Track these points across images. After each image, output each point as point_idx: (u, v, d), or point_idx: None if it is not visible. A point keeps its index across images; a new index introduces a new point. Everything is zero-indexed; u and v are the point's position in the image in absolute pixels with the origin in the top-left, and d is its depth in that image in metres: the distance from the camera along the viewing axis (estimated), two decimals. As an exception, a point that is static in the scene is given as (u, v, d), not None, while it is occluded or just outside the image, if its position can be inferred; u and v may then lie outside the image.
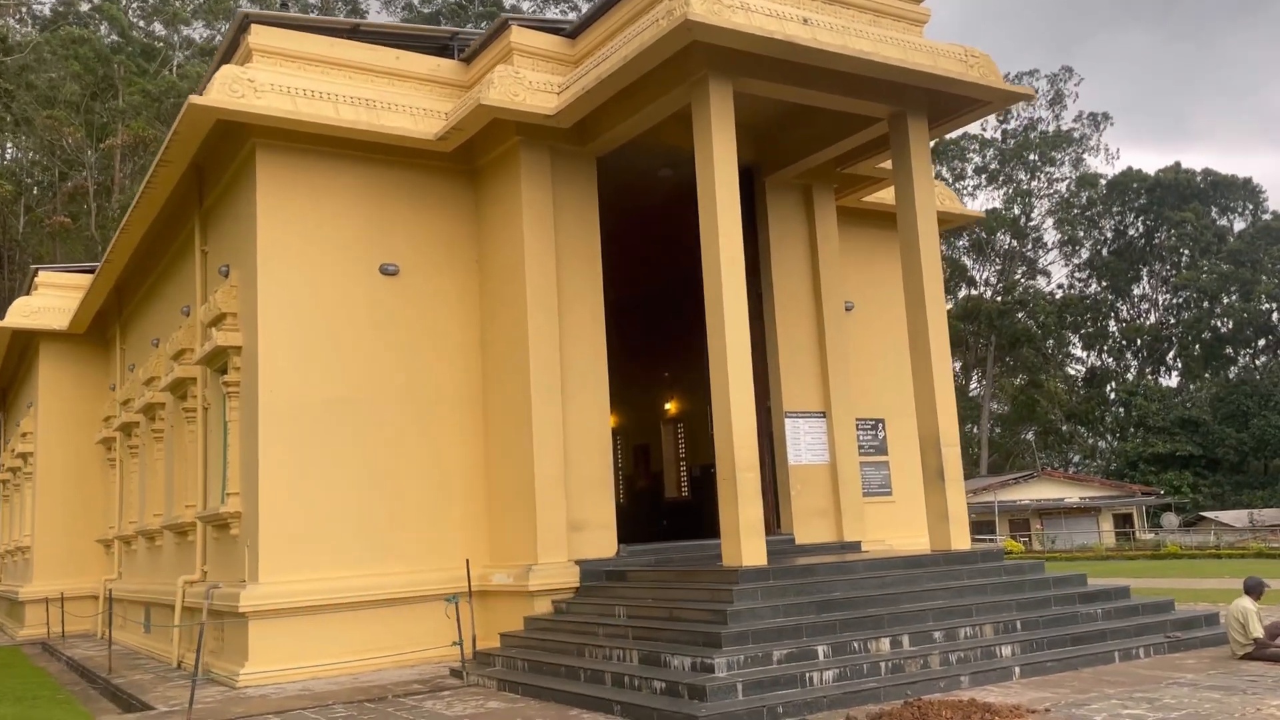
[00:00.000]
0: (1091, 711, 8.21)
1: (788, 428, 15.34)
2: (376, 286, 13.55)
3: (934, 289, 13.35)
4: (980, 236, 79.46)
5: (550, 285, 13.39)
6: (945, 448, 12.97)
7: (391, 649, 12.62)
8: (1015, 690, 9.30)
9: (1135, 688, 9.16)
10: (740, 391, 11.56)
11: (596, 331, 13.85)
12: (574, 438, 13.38)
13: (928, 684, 9.34)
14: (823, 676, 9.21)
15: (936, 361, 13.17)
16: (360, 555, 12.88)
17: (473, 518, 13.77)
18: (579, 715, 9.22)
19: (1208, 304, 70.87)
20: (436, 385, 13.82)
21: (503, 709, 9.76)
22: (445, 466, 13.70)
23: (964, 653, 10.06)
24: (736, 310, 11.75)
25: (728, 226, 11.84)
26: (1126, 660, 10.61)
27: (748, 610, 10.14)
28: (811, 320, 15.95)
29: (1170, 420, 60.57)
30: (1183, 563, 28.69)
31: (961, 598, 11.33)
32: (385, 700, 10.56)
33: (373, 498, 13.11)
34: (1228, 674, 9.65)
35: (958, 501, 12.96)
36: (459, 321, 14.10)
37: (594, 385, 13.72)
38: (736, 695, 8.69)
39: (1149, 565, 28.26)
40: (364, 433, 13.18)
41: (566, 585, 12.71)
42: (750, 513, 11.39)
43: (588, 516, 13.34)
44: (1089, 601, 11.85)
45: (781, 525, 15.25)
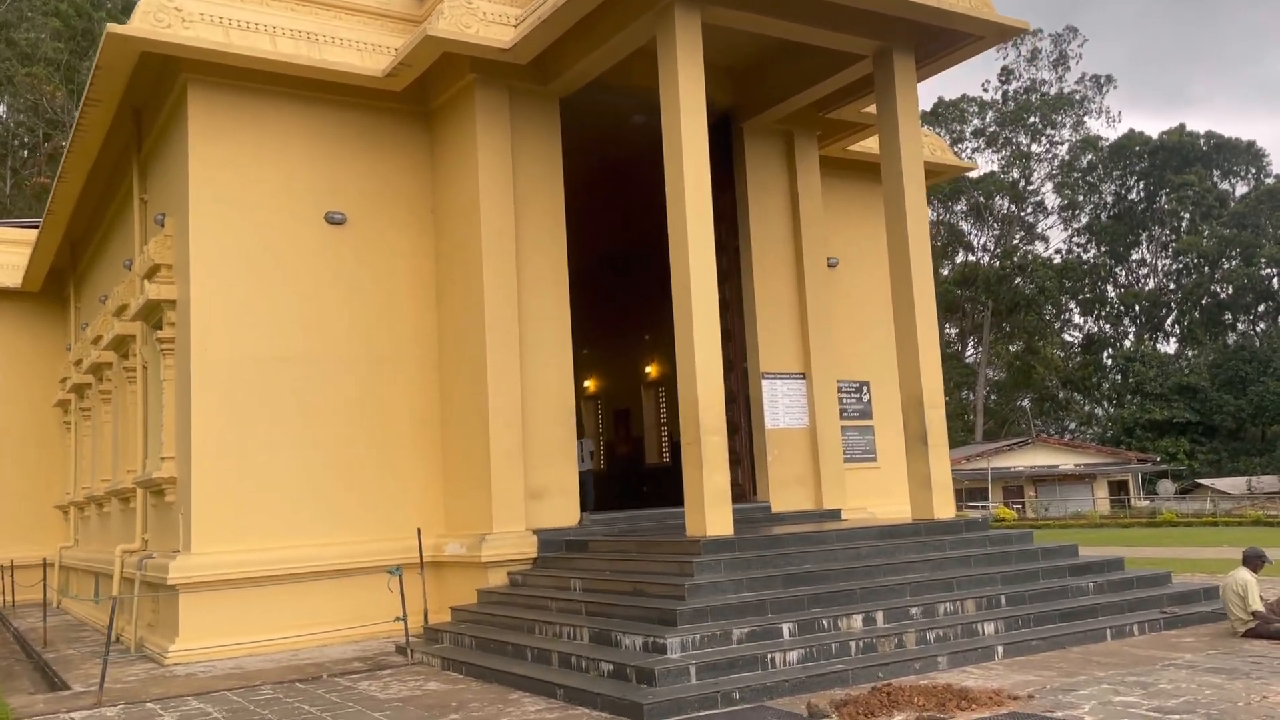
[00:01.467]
0: (1079, 698, 7.42)
1: (765, 390, 14.50)
2: (322, 236, 12.64)
3: (919, 241, 12.45)
4: (979, 200, 78.42)
5: (508, 236, 12.48)
6: (929, 410, 12.12)
7: (337, 623, 11.82)
8: (997, 672, 8.52)
9: (1128, 670, 8.37)
10: (706, 349, 10.70)
11: (559, 287, 12.96)
12: (534, 400, 12.53)
13: (901, 665, 8.56)
14: (786, 658, 8.41)
15: (921, 319, 12.30)
16: (303, 524, 12.06)
17: (427, 485, 12.95)
18: (520, 699, 8.44)
19: (1208, 269, 69.90)
20: (388, 343, 12.94)
21: (440, 691, 8.98)
22: (397, 430, 12.86)
23: (943, 630, 9.27)
24: (703, 262, 10.88)
25: (694, 172, 10.92)
26: (1119, 638, 9.83)
27: (708, 585, 9.33)
28: (792, 277, 15.06)
29: (1168, 386, 59.78)
30: (1179, 531, 28.00)
31: (942, 570, 10.54)
32: (319, 680, 9.78)
33: (317, 463, 12.27)
34: (1229, 654, 8.87)
35: (941, 467, 12.13)
36: (412, 275, 13.20)
37: (556, 344, 12.85)
38: (689, 679, 7.89)
39: (1144, 534, 27.56)
40: (308, 393, 12.32)
41: (523, 556, 11.92)
42: (716, 480, 10.57)
43: (548, 483, 12.52)
44: (1080, 574, 11.07)
45: (758, 492, 14.46)
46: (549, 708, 8.03)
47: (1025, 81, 77.65)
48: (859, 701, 7.35)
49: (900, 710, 7.22)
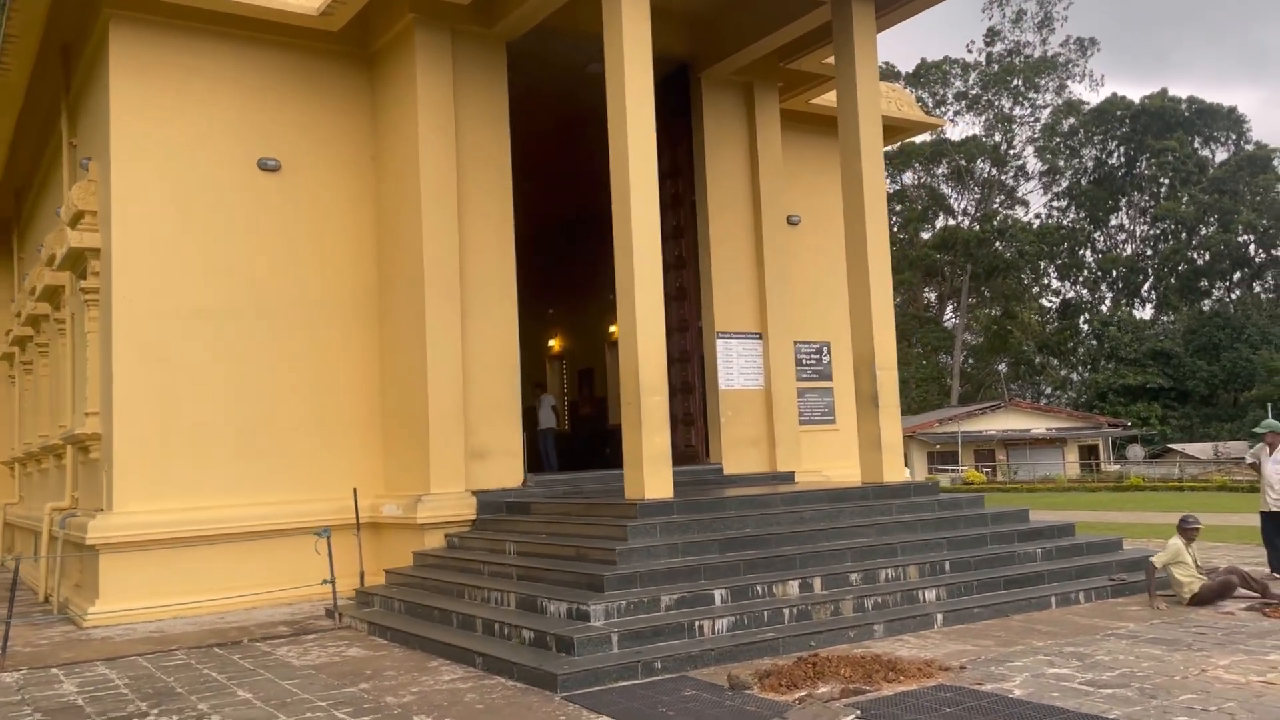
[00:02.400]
0: (1012, 670, 7.14)
1: (719, 350, 14.13)
2: (255, 184, 12.11)
3: (875, 196, 12.04)
4: (960, 164, 77.95)
5: (449, 185, 11.98)
6: (880, 371, 11.79)
7: (269, 586, 11.46)
8: (934, 641, 8.24)
9: (1068, 639, 8.10)
10: (647, 304, 10.29)
11: (504, 240, 12.50)
12: (476, 356, 12.11)
13: (836, 633, 8.26)
14: (716, 625, 8.09)
15: (874, 277, 11.93)
16: (234, 483, 11.65)
17: (366, 443, 12.54)
18: (438, 668, 8.10)
19: (1185, 235, 69.84)
20: (325, 296, 12.46)
21: (359, 658, 8.63)
22: (335, 386, 12.42)
23: (882, 598, 8.98)
24: (646, 214, 10.43)
25: (638, 117, 10.44)
26: (1064, 606, 9.58)
27: (640, 549, 9.00)
28: (750, 233, 14.64)
29: (1142, 352, 59.89)
30: (1144, 495, 27.94)
31: (887, 535, 10.24)
32: (238, 645, 9.42)
33: (249, 420, 11.84)
34: (1172, 623, 8.62)
35: (892, 429, 11.82)
36: (352, 225, 12.70)
37: (500, 299, 12.41)
38: (610, 648, 7.57)
39: (1109, 498, 27.50)
40: (239, 347, 11.85)
41: (462, 518, 11.56)
42: (656, 441, 10.20)
43: (491, 443, 12.14)
44: (1029, 540, 10.81)
45: (710, 454, 14.13)
46: (465, 677, 7.69)
47: (1010, 44, 77.03)
48: (783, 672, 7.04)
49: (825, 681, 6.92)
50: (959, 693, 6.56)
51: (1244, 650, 7.50)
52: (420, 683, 7.54)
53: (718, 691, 6.86)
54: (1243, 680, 6.63)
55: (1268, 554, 11.07)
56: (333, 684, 7.61)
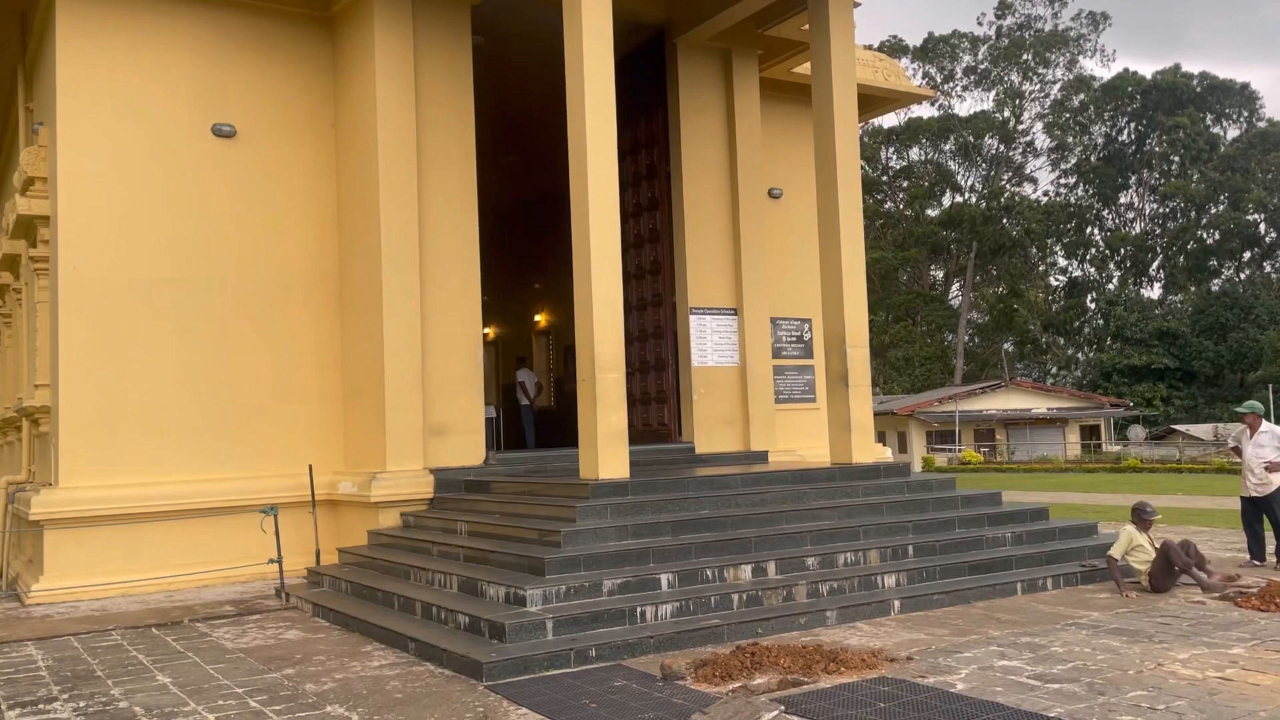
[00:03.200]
0: (961, 661, 6.82)
1: (693, 326, 13.77)
2: (209, 150, 11.75)
3: (848, 168, 11.64)
4: (968, 140, 77.09)
5: (408, 150, 11.62)
6: (851, 349, 11.42)
7: (223, 563, 11.20)
8: (887, 629, 7.92)
9: (1026, 629, 7.78)
10: (603, 277, 9.92)
11: (467, 208, 12.14)
12: (437, 330, 11.79)
13: (786, 620, 7.94)
14: (659, 611, 7.78)
15: (847, 251, 11.55)
16: (187, 458, 11.37)
17: (326, 418, 12.24)
18: (371, 653, 7.81)
19: (1195, 213, 68.96)
20: (283, 267, 12.13)
21: (295, 641, 8.35)
22: (293, 360, 12.11)
23: (838, 583, 8.66)
24: (602, 182, 10.04)
25: (595, 81, 10.04)
26: (1030, 593, 9.25)
27: (587, 531, 8.68)
28: (726, 206, 14.25)
29: (1148, 332, 59.25)
30: (1141, 477, 27.57)
31: (851, 518, 9.91)
32: (178, 626, 9.16)
33: (203, 394, 11.54)
34: (1138, 613, 8.29)
35: (862, 409, 11.47)
36: (311, 194, 12.34)
37: (463, 270, 12.06)
38: (545, 634, 7.27)
39: (1104, 479, 27.13)
40: (193, 319, 11.54)
41: (418, 496, 11.27)
42: (612, 420, 9.86)
43: (451, 419, 11.83)
44: (999, 524, 10.46)
45: (683, 433, 13.81)
46: (396, 663, 7.41)
47: (1021, 18, 76.01)
48: (719, 662, 6.73)
49: (763, 672, 6.61)
50: (899, 686, 6.24)
51: (1206, 643, 7.17)
52: (348, 669, 7.26)
53: (649, 682, 6.56)
54: (1199, 676, 6.30)
55: (1247, 540, 10.71)
56: (257, 669, 7.33)
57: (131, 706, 6.42)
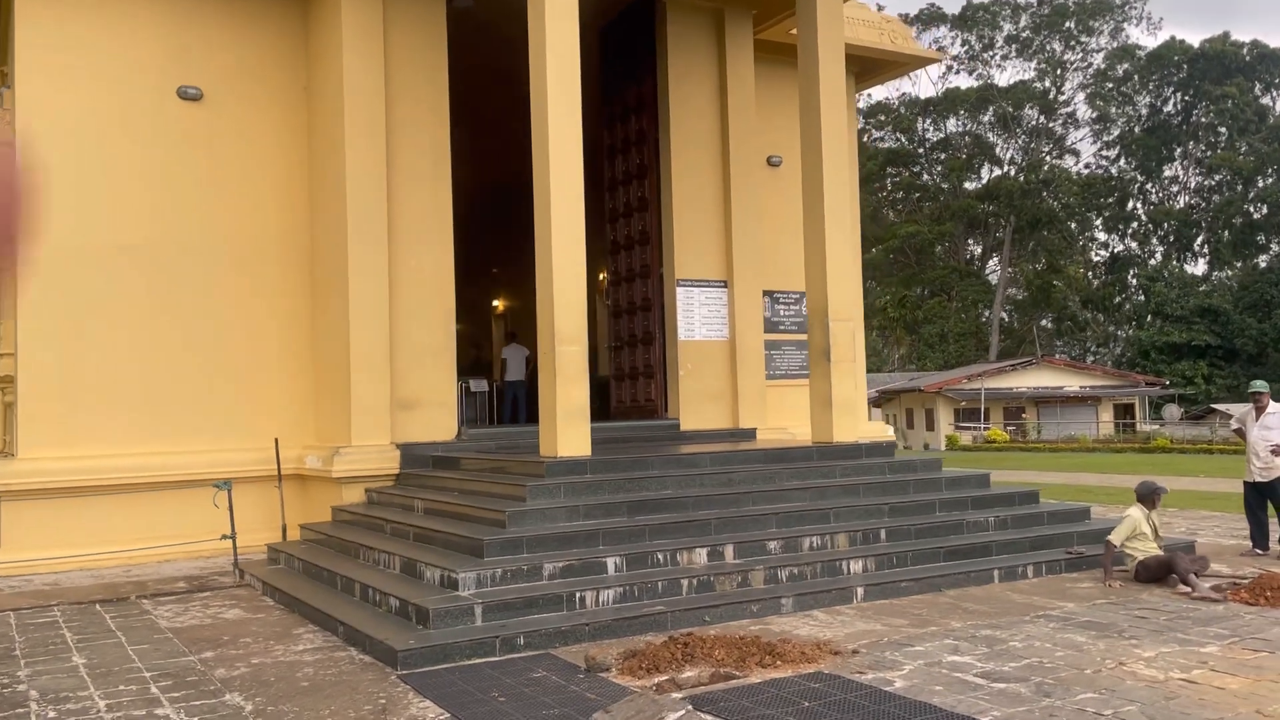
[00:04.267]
0: (908, 656, 6.37)
1: (680, 298, 13.31)
2: (175, 114, 11.44)
3: (834, 134, 11.09)
4: (1006, 111, 75.41)
5: (376, 116, 11.24)
6: (834, 323, 10.92)
7: (186, 537, 10.97)
8: (844, 618, 7.48)
9: (992, 620, 7.30)
10: (565, 243, 9.48)
11: (440, 175, 11.75)
12: (406, 300, 11.44)
13: (736, 608, 7.52)
14: (601, 597, 7.39)
15: (832, 222, 11.02)
16: (151, 430, 11.13)
17: (296, 391, 11.95)
18: (302, 635, 7.51)
19: (1242, 187, 66.93)
20: (253, 234, 11.82)
21: (233, 621, 8.07)
22: (262, 330, 11.82)
23: (800, 568, 8.21)
24: (564, 141, 9.55)
25: (557, 34, 9.54)
26: (1008, 581, 8.75)
27: (536, 511, 8.30)
28: (718, 174, 13.73)
29: (1189, 308, 57.69)
30: (1169, 458, 26.74)
31: (823, 500, 9.45)
32: (124, 602, 8.93)
33: (168, 364, 11.29)
34: (1116, 605, 7.77)
35: (845, 386, 10.97)
36: (282, 159, 12.00)
37: (435, 239, 11.69)
38: (473, 620, 6.90)
39: (1128, 460, 26.33)
40: (158, 288, 11.28)
41: (383, 472, 10.96)
42: (573, 395, 9.46)
43: (421, 393, 11.49)
44: (984, 507, 9.95)
45: (669, 409, 13.38)
46: (321, 648, 7.09)
47: (1065, -17, 73.95)
48: (647, 654, 6.33)
49: (694, 665, 6.21)
50: (832, 683, 5.81)
51: (1180, 639, 6.65)
52: (269, 653, 6.95)
53: (570, 674, 6.18)
54: (1160, 677, 5.80)
55: (1250, 527, 10.10)
56: (178, 651, 7.05)
57: (29, 690, 6.15)
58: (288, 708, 5.64)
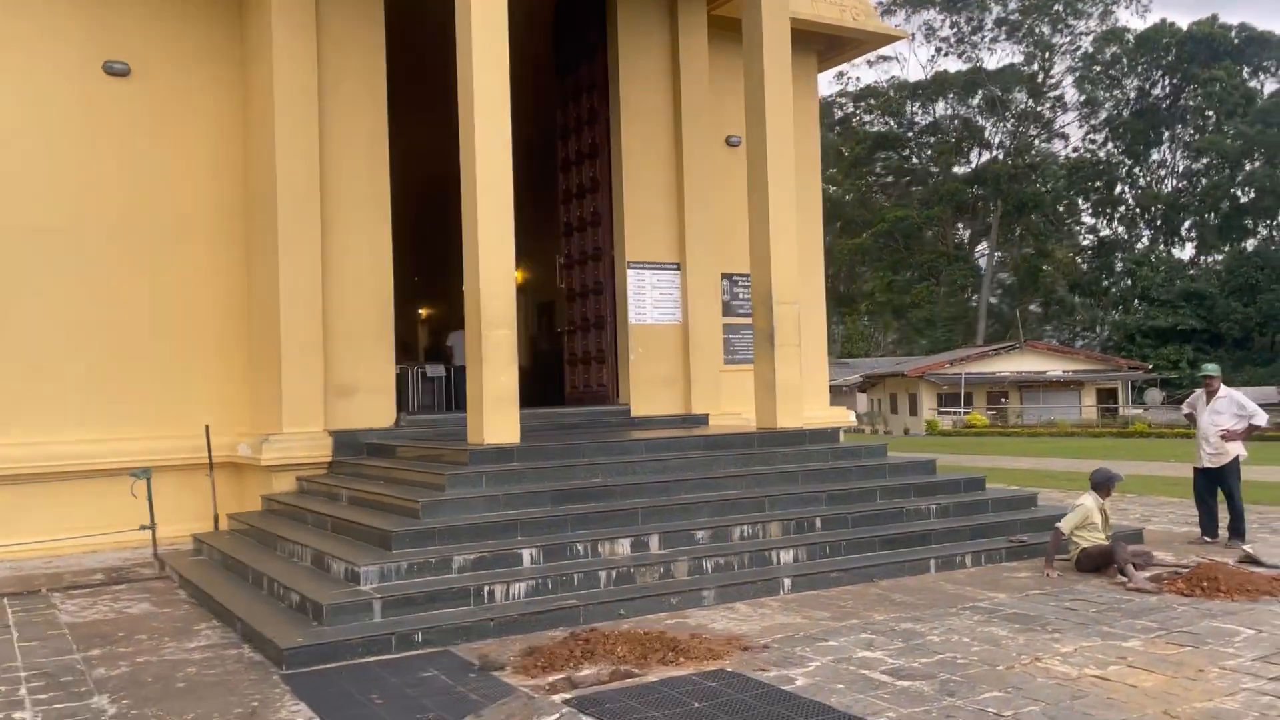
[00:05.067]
0: (818, 651, 6.10)
1: (630, 281, 12.99)
2: (101, 89, 11.05)
3: (778, 110, 10.78)
4: (995, 95, 75.02)
5: (308, 86, 10.88)
6: (778, 305, 10.63)
7: (114, 527, 10.58)
8: (766, 611, 7.21)
9: (917, 612, 7.04)
10: (491, 222, 9.14)
11: (376, 153, 11.40)
12: (341, 282, 11.11)
13: (655, 600, 7.25)
14: (511, 590, 7.11)
15: (775, 202, 10.73)
16: (79, 417, 10.78)
17: (232, 377, 11.60)
18: (201, 631, 7.22)
19: (1229, 171, 66.65)
20: (186, 215, 11.44)
21: (136, 616, 7.78)
22: (197, 315, 11.46)
23: (727, 559, 7.94)
24: (490, 111, 9.19)
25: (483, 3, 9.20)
26: (945, 570, 8.49)
27: (453, 501, 8.01)
28: (670, 154, 13.39)
29: (1175, 293, 57.55)
30: (1146, 443, 26.54)
31: (760, 487, 9.17)
32: (34, 595, 8.63)
33: (97, 349, 10.93)
34: (1050, 595, 7.51)
35: (790, 370, 10.69)
36: (216, 136, 11.62)
37: (372, 221, 11.35)
38: (371, 616, 6.62)
39: (1102, 445, 26.13)
40: (84, 271, 10.91)
41: (315, 459, 10.66)
42: (501, 381, 9.15)
43: (357, 378, 11.18)
44: (927, 495, 9.67)
45: (620, 394, 13.08)
46: (213, 645, 6.80)
47: (1056, -34, 73.45)
48: (546, 651, 6.05)
49: (593, 662, 5.93)
50: (730, 682, 5.54)
51: (1105, 633, 6.39)
52: (160, 651, 6.66)
53: (462, 673, 5.90)
54: (1073, 674, 5.54)
55: (1200, 515, 9.85)
56: (66, 649, 6.76)
57: (-107, 691, 5.86)
58: (151, 711, 5.36)
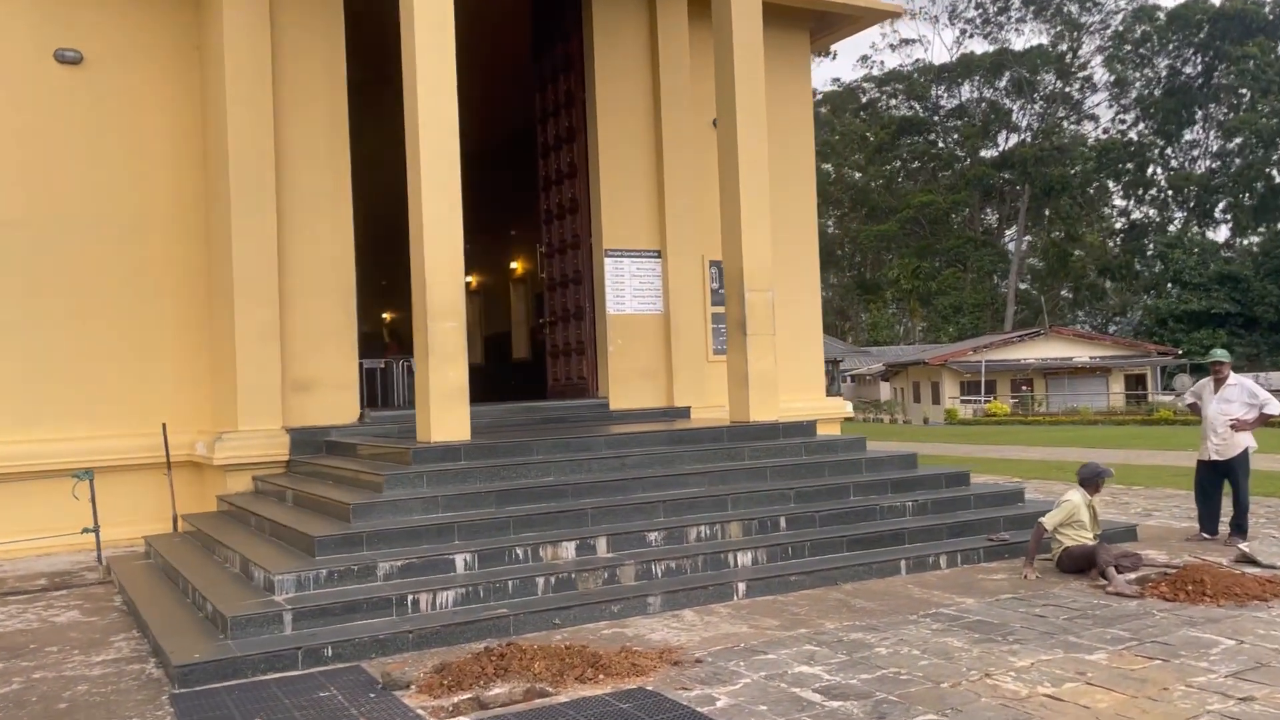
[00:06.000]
0: (753, 666, 5.61)
1: (608, 269, 12.51)
2: (52, 79, 10.71)
3: (749, 88, 10.24)
4: (1022, 76, 73.68)
5: (261, 78, 10.50)
6: (750, 293, 10.11)
7: (67, 529, 10.29)
8: (712, 620, 6.72)
9: (872, 620, 6.53)
10: (437, 206, 8.69)
11: (336, 142, 11.00)
12: (300, 275, 10.73)
13: (594, 608, 6.78)
14: (438, 599, 6.67)
15: (746, 186, 10.23)
16: (30, 416, 10.47)
17: (192, 373, 11.25)
18: (118, 643, 6.83)
19: (1264, 150, 64.94)
20: (142, 207, 11.09)
21: (60, 625, 7.42)
22: (155, 310, 11.11)
23: (679, 562, 7.46)
24: (436, 88, 8.72)
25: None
26: (917, 572, 7.96)
27: (388, 503, 7.59)
28: (650, 138, 12.89)
29: (1208, 276, 56.13)
30: (1169, 430, 25.68)
31: (723, 484, 8.68)
32: (-35, 602, 8.32)
33: (50, 346, 10.61)
34: (1022, 600, 6.96)
35: (763, 360, 10.18)
36: (173, 127, 11.26)
37: (332, 210, 10.96)
38: (281, 629, 6.20)
39: (1123, 433, 25.32)
40: (36, 264, 10.58)
41: (271, 458, 10.29)
42: (449, 375, 8.71)
43: (318, 374, 10.80)
44: (904, 490, 9.14)
45: (599, 387, 12.62)
46: (120, 659, 6.41)
47: (1084, -58, 71.95)
48: (456, 668, 5.61)
49: (506, 680, 5.47)
50: (645, 703, 5.07)
51: (1070, 644, 5.85)
52: (62, 666, 6.28)
53: (362, 692, 5.46)
54: (1023, 693, 5.02)
55: (1199, 510, 9.22)
56: (-32, 663, 6.41)
57: None
58: (16, 736, 4.98)
